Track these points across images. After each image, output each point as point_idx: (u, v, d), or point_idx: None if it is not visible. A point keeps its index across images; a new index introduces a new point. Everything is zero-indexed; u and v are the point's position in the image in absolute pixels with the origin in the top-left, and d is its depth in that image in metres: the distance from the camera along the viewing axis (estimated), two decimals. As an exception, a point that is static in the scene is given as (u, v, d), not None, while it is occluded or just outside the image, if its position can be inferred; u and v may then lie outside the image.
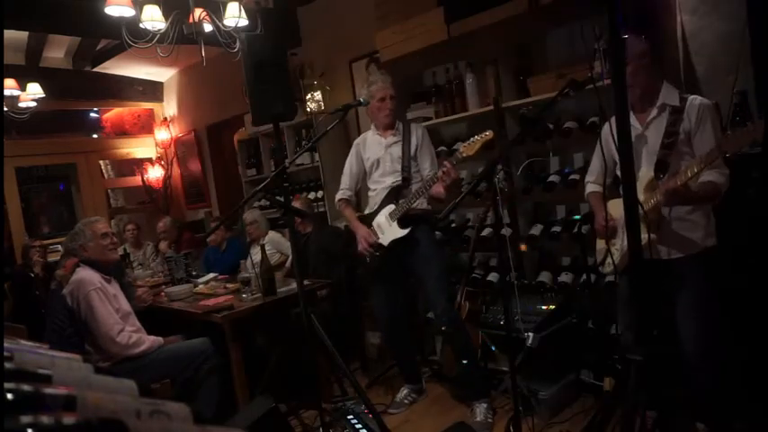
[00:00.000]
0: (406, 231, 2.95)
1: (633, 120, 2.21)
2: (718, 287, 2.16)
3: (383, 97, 3.04)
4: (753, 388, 2.32)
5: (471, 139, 2.65)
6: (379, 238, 3.04)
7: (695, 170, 1.93)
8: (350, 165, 3.27)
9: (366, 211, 3.17)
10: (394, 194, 3.04)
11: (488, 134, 2.59)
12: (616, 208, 2.12)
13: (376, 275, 3.17)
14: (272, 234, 4.42)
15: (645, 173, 2.15)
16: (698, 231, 2.14)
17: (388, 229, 3.01)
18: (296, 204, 4.03)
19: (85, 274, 2.92)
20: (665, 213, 2.13)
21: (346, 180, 3.28)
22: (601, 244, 2.37)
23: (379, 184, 3.12)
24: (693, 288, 2.15)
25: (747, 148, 2.35)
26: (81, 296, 2.82)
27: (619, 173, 1.69)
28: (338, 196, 3.28)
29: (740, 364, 2.35)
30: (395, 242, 2.98)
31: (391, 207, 3.01)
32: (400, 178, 3.04)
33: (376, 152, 3.14)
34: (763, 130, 1.73)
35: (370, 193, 3.20)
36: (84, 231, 2.99)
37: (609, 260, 2.26)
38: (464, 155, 2.65)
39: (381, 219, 3.05)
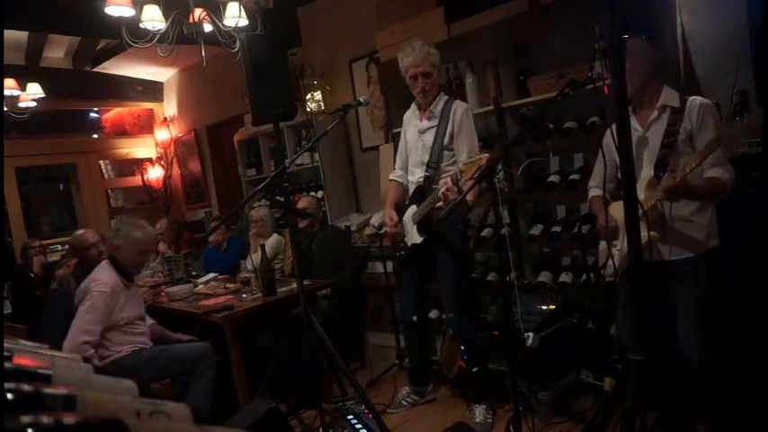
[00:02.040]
0: (420, 240, 2.89)
1: (634, 122, 2.22)
2: (719, 288, 2.16)
3: (414, 75, 2.81)
4: (752, 388, 2.32)
5: (471, 158, 2.52)
6: (405, 235, 3.00)
7: (693, 164, 1.93)
8: (400, 144, 3.13)
9: (407, 202, 3.06)
10: (418, 194, 2.93)
11: (482, 158, 2.42)
12: (618, 210, 2.12)
13: (406, 275, 3.15)
14: (273, 238, 4.38)
15: (646, 172, 2.15)
16: (701, 232, 2.14)
17: (410, 231, 2.97)
18: (302, 204, 4.03)
19: (105, 274, 2.86)
20: (665, 213, 2.13)
21: (398, 159, 3.16)
22: (603, 245, 2.36)
23: (411, 176, 3.02)
24: (695, 289, 2.15)
25: (747, 148, 2.35)
26: (88, 290, 2.81)
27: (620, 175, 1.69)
28: (390, 176, 3.19)
29: (740, 361, 2.35)
30: (414, 246, 2.95)
31: (414, 208, 2.94)
32: (423, 176, 2.90)
33: (412, 136, 2.99)
34: (761, 120, 1.74)
35: (408, 183, 3.09)
36: (129, 236, 2.86)
37: (610, 262, 2.26)
38: (463, 176, 2.51)
39: (407, 218, 2.99)
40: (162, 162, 7.05)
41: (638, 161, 2.19)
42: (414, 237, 2.93)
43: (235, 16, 3.18)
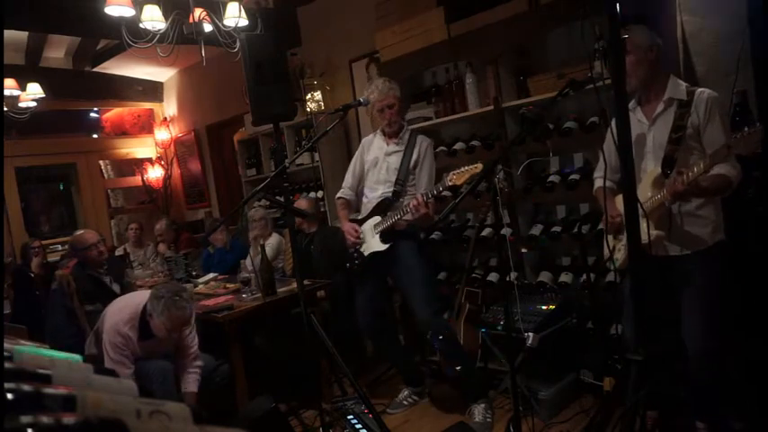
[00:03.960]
0: (384, 247, 2.96)
1: (640, 114, 2.21)
2: (723, 285, 2.15)
3: (381, 108, 3.01)
4: (752, 384, 2.32)
5: (462, 168, 2.62)
6: (362, 245, 3.06)
7: (701, 171, 1.91)
8: (353, 164, 3.26)
9: (359, 216, 3.17)
10: (383, 207, 3.02)
11: (477, 167, 2.55)
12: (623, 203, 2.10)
13: (358, 282, 3.18)
14: (274, 238, 4.37)
15: (652, 169, 2.14)
16: (707, 227, 2.13)
17: (370, 240, 3.03)
18: (301, 204, 4.02)
19: (124, 321, 2.71)
20: (673, 210, 2.11)
21: (348, 179, 3.26)
22: (610, 239, 2.35)
23: (372, 192, 3.11)
24: (701, 284, 2.13)
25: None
26: (104, 335, 2.73)
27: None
28: (338, 194, 3.28)
29: (740, 360, 2.35)
30: (375, 254, 2.99)
31: (377, 219, 3.01)
32: (391, 190, 3.02)
33: (375, 156, 3.12)
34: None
35: (364, 199, 3.19)
36: (162, 312, 2.59)
37: (616, 256, 2.25)
38: (451, 183, 2.64)
39: (367, 228, 3.06)
40: (162, 162, 7.06)
41: (643, 155, 2.18)
42: (375, 245, 2.99)
43: (235, 16, 3.18)
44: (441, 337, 2.94)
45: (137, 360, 2.79)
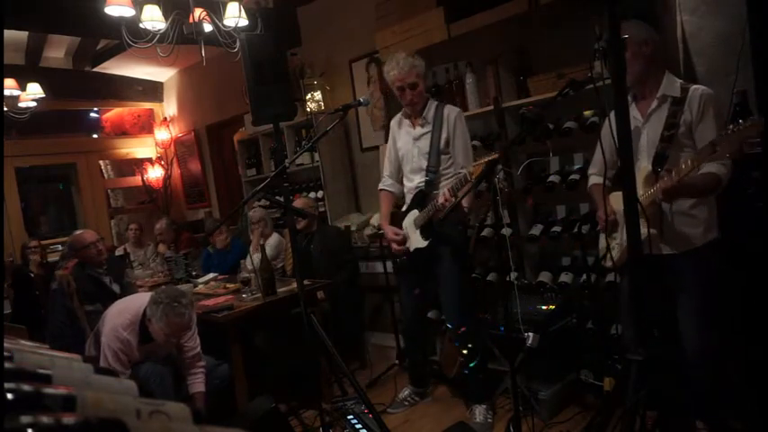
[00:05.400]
0: (425, 244, 2.87)
1: (634, 111, 2.20)
2: (718, 284, 2.15)
3: (400, 87, 2.84)
4: (752, 385, 2.32)
5: (480, 160, 2.48)
6: (407, 240, 2.99)
7: (689, 169, 1.91)
8: (389, 150, 3.11)
9: (403, 208, 3.07)
10: (419, 198, 2.93)
11: (495, 155, 2.49)
12: (617, 201, 2.11)
13: (404, 277, 3.15)
14: (274, 238, 4.38)
15: (643, 166, 2.14)
16: (699, 227, 2.13)
17: (412, 236, 2.96)
18: (297, 205, 4.02)
19: (124, 326, 2.69)
20: (665, 208, 2.11)
21: (387, 166, 3.15)
22: (604, 239, 2.35)
23: (409, 182, 3.02)
24: (694, 284, 2.14)
25: (747, 148, 2.35)
26: (103, 337, 2.72)
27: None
28: (380, 185, 3.19)
29: (740, 361, 2.35)
30: (418, 250, 2.94)
31: (415, 213, 2.93)
32: (424, 180, 2.90)
33: (405, 144, 2.99)
34: (757, 128, 1.72)
35: (405, 190, 3.09)
36: (166, 314, 2.57)
37: (609, 255, 2.25)
38: (472, 177, 2.49)
39: (408, 223, 2.98)
40: (162, 162, 7.05)
41: (635, 152, 2.18)
42: (418, 242, 2.92)
43: (235, 16, 3.18)
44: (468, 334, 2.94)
45: (135, 364, 2.78)
